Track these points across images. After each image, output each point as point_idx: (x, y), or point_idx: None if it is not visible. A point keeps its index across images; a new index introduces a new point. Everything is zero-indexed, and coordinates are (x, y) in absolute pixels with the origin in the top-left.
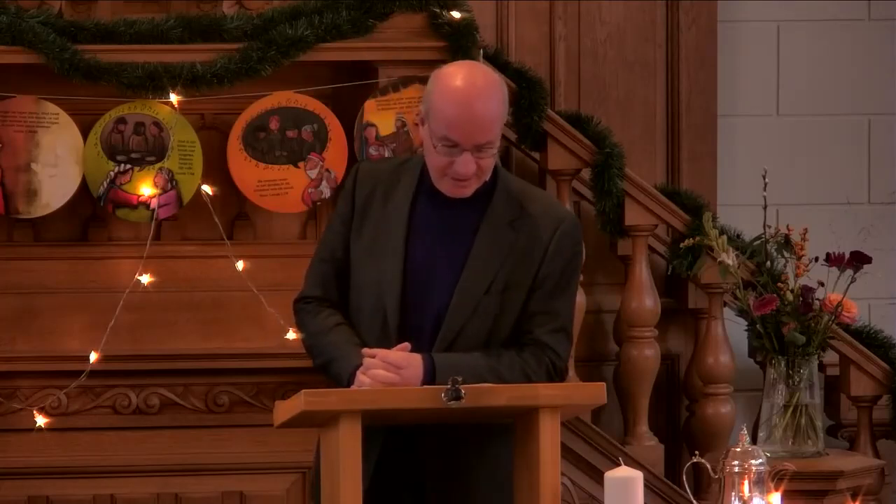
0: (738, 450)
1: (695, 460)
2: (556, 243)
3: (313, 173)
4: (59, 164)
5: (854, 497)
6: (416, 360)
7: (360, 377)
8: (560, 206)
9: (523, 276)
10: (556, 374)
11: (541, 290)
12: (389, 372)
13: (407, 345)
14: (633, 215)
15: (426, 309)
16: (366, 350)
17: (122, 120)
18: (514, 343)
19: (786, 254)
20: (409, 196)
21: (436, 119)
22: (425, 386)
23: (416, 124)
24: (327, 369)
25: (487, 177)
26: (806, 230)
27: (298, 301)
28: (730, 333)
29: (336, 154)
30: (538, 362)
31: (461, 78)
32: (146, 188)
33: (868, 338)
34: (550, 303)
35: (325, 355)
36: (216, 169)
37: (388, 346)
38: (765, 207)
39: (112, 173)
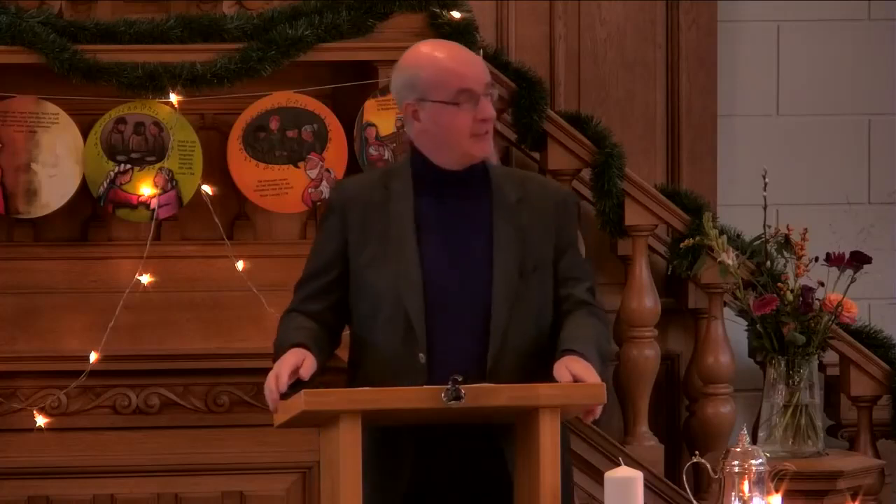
0: (738, 450)
1: (695, 460)
2: (562, 215)
3: (313, 173)
4: (59, 164)
5: (854, 497)
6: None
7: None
8: (556, 182)
9: (545, 251)
10: (608, 325)
11: (563, 258)
12: None
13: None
14: (633, 215)
15: (461, 304)
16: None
17: (122, 120)
18: (558, 314)
19: (786, 254)
20: (409, 196)
21: (442, 85)
22: (426, 387)
23: (404, 123)
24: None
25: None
26: (806, 230)
27: (282, 315)
28: (730, 333)
29: (336, 154)
30: (598, 318)
31: (433, 47)
32: (146, 188)
33: (868, 338)
34: (574, 268)
35: (274, 350)
36: (216, 169)
37: (417, 347)
38: (765, 207)
39: (112, 173)
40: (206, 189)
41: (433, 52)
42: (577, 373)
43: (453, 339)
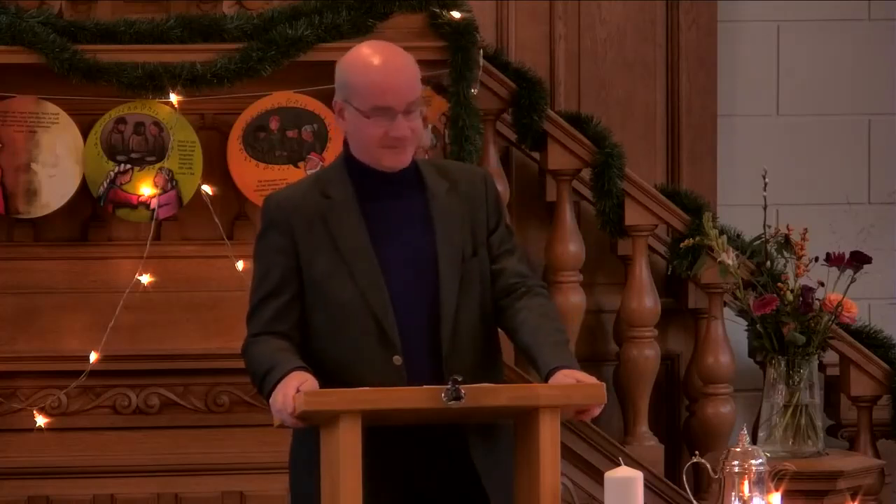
0: (738, 450)
1: (695, 460)
2: (489, 193)
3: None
4: (59, 164)
5: (854, 497)
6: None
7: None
8: (473, 165)
9: (480, 232)
10: (547, 290)
11: (495, 233)
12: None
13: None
14: (633, 215)
15: (418, 300)
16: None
17: (122, 120)
18: (498, 289)
19: (786, 254)
20: (354, 205)
21: (363, 93)
22: (426, 386)
23: (336, 119)
24: (263, 385)
25: (421, 141)
26: (806, 230)
27: (245, 342)
28: (730, 333)
29: (336, 154)
30: (543, 298)
31: (374, 50)
32: (146, 188)
33: (868, 338)
34: (504, 241)
35: (264, 368)
36: (216, 169)
37: (392, 350)
38: (765, 207)
39: (112, 173)
40: (206, 189)
41: (368, 59)
42: (577, 380)
43: (416, 335)
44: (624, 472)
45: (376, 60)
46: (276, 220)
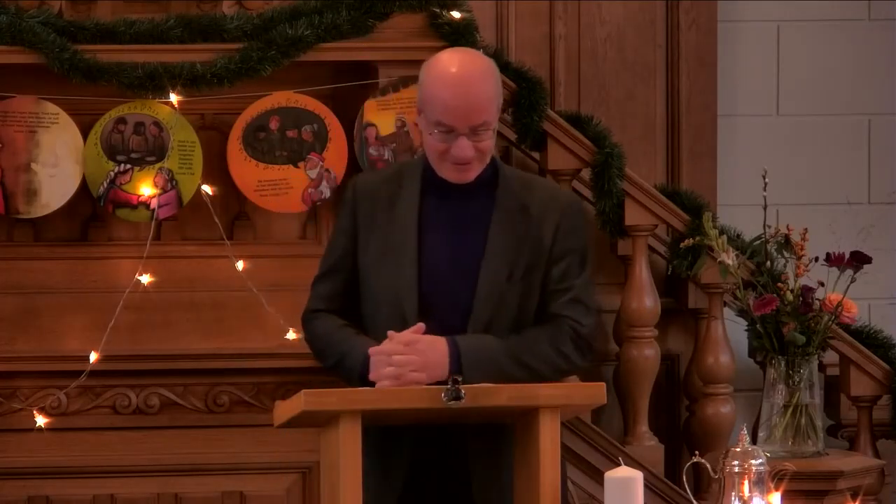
0: (738, 450)
1: (695, 460)
2: (565, 223)
3: (313, 173)
4: (59, 164)
5: (854, 497)
6: (441, 343)
7: (381, 366)
8: (564, 190)
9: (539, 260)
10: (581, 339)
11: (556, 268)
12: (410, 355)
13: (422, 325)
14: (633, 215)
15: (450, 306)
16: (390, 333)
17: (122, 120)
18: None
19: (786, 254)
20: (415, 196)
21: (431, 105)
22: (426, 386)
23: (417, 117)
24: (339, 366)
25: (488, 159)
26: (806, 230)
27: (305, 315)
28: (730, 333)
29: (336, 154)
30: (559, 331)
31: (453, 62)
32: (146, 188)
33: (868, 338)
34: (564, 280)
35: (336, 353)
36: (216, 169)
37: None
38: (765, 207)
39: (112, 173)
40: (206, 189)
41: (446, 68)
42: (407, 339)
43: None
44: (624, 472)
45: (453, 70)
46: (347, 200)
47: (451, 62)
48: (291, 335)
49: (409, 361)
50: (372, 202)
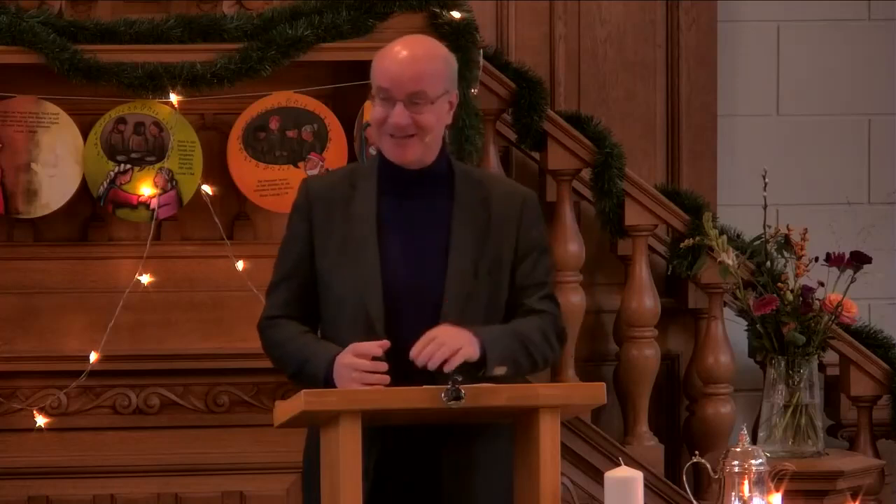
0: (738, 450)
1: (695, 460)
2: (526, 217)
3: (313, 173)
4: (59, 164)
5: (854, 497)
6: (458, 328)
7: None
8: (518, 184)
9: (505, 254)
10: (563, 333)
11: (523, 263)
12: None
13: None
14: (633, 215)
15: (417, 304)
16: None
17: (122, 120)
18: (508, 320)
19: (786, 254)
20: (372, 195)
21: (375, 74)
22: (426, 386)
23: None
24: (301, 373)
25: (430, 142)
26: (806, 230)
27: (261, 322)
28: (730, 333)
29: (336, 154)
30: (547, 324)
31: (405, 38)
32: (146, 188)
33: (868, 338)
34: (533, 274)
35: (296, 360)
36: (216, 169)
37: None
38: (765, 207)
39: (112, 173)
40: (206, 189)
41: (392, 45)
42: (437, 335)
43: (410, 339)
44: (624, 472)
45: (396, 47)
46: (300, 205)
47: (404, 38)
48: None
49: (442, 344)
50: (327, 204)
